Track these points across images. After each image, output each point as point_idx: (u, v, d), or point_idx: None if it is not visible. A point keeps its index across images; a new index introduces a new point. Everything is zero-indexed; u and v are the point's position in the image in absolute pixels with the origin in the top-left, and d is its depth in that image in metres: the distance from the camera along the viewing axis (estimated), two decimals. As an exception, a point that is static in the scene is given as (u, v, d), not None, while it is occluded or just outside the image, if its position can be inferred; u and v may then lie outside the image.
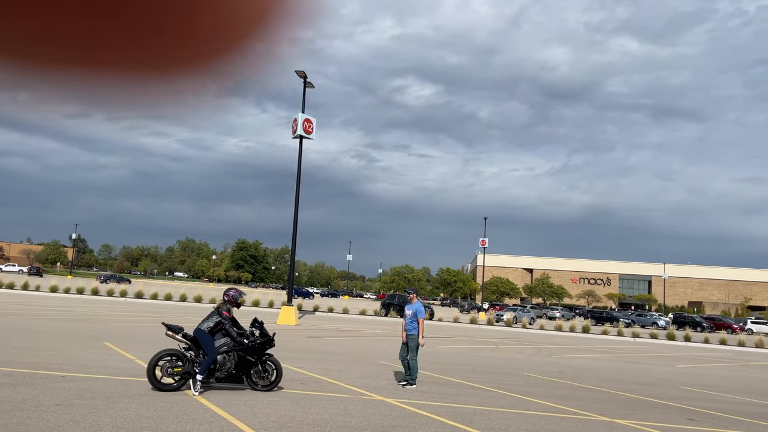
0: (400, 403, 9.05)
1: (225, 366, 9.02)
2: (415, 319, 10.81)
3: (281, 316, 25.31)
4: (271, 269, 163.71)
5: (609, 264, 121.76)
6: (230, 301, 9.43)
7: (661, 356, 23.90)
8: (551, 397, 10.96)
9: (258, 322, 9.55)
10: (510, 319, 39.12)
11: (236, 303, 9.52)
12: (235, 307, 9.50)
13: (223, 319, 9.16)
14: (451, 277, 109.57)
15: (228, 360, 9.06)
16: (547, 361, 18.36)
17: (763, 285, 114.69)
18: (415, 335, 10.74)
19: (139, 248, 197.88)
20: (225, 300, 9.41)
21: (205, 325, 9.08)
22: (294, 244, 26.27)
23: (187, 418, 7.10)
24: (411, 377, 10.65)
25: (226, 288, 10.12)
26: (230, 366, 9.05)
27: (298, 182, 26.16)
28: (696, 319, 58.08)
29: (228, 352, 9.09)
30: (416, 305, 10.99)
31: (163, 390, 8.63)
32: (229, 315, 9.26)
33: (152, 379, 8.62)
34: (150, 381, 8.62)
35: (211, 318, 9.20)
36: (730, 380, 16.73)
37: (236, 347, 9.12)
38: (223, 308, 9.26)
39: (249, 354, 9.14)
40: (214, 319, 9.16)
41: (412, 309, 10.91)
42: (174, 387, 8.70)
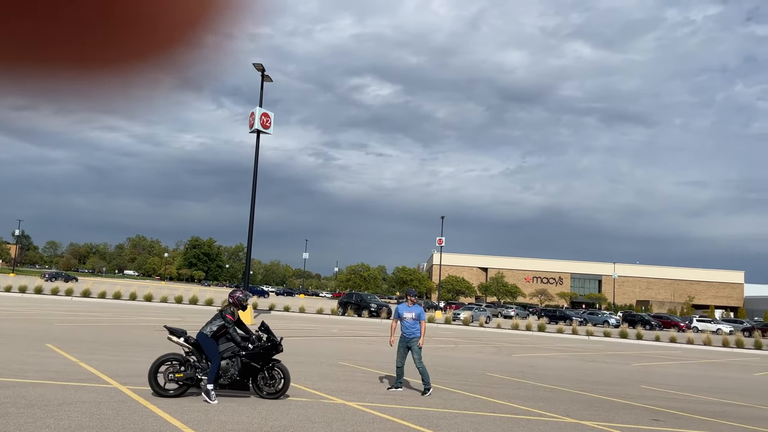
0: (363, 407, 8.65)
1: (228, 372, 8.51)
2: (418, 321, 10.47)
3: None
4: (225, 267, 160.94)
5: (561, 263, 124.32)
6: (235, 304, 8.87)
7: (616, 354, 24.21)
8: (515, 398, 10.76)
9: (265, 326, 9.00)
10: (467, 318, 39.20)
11: (242, 305, 8.95)
12: (241, 309, 8.95)
13: (227, 322, 8.62)
14: (407, 275, 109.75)
15: (232, 366, 8.55)
16: (508, 360, 18.27)
17: (706, 284, 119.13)
18: (417, 338, 10.43)
19: (87, 245, 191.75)
20: (230, 302, 8.87)
21: (208, 329, 8.55)
22: (250, 240, 25.54)
23: (133, 427, 6.53)
24: (425, 383, 10.28)
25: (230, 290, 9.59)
26: (234, 372, 8.53)
27: (255, 177, 25.45)
28: (645, 318, 59.63)
29: (232, 357, 8.57)
30: (417, 308, 10.63)
31: (164, 396, 8.18)
32: (233, 318, 8.71)
33: (153, 384, 8.22)
34: (151, 386, 8.21)
35: (215, 321, 8.66)
36: (686, 378, 16.96)
37: (240, 352, 8.59)
38: (227, 311, 8.72)
39: (254, 360, 8.60)
40: (217, 323, 8.62)
41: (414, 311, 10.54)
42: (176, 393, 8.26)
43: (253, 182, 25.44)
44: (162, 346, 14.78)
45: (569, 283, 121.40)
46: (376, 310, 38.74)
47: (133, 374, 10.07)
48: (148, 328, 19.45)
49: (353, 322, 32.90)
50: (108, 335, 16.55)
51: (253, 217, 25.33)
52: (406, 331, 10.47)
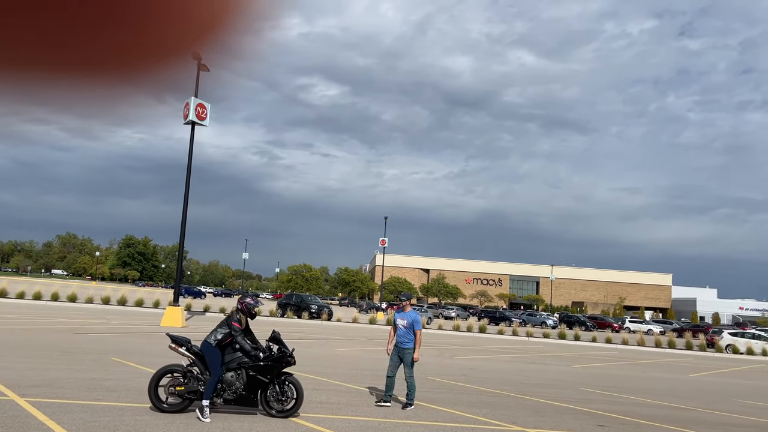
0: (301, 420, 7.89)
1: (233, 386, 7.64)
2: (411, 330, 9.43)
3: (165, 317, 23.21)
4: (161, 267, 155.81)
5: (500, 265, 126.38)
6: (243, 310, 7.98)
7: (556, 356, 24.25)
8: (458, 403, 10.23)
9: (276, 337, 8.06)
10: (408, 320, 38.73)
11: (250, 313, 8.06)
12: (249, 317, 8.05)
13: (233, 330, 7.74)
14: (349, 276, 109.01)
15: (237, 379, 7.66)
16: (449, 363, 17.84)
17: (636, 286, 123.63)
18: (411, 349, 9.41)
19: (10, 243, 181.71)
20: (237, 308, 7.99)
21: (213, 338, 7.69)
22: (182, 237, 24.23)
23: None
24: (409, 397, 9.35)
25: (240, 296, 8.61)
26: (239, 386, 7.65)
27: (189, 170, 24.17)
28: (581, 319, 60.96)
29: (237, 369, 7.67)
30: (412, 314, 9.57)
31: (165, 411, 7.41)
32: (240, 326, 7.81)
33: (153, 398, 7.48)
34: (151, 400, 7.56)
35: (220, 329, 7.77)
36: (626, 380, 16.95)
37: (245, 364, 7.68)
38: (233, 318, 7.83)
39: (261, 373, 7.70)
40: (222, 331, 7.74)
41: (408, 318, 9.50)
42: (177, 408, 7.49)
43: (187, 177, 24.15)
44: (80, 351, 13.53)
45: (508, 285, 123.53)
46: (316, 311, 37.79)
47: (37, 384, 8.97)
48: (66, 331, 17.99)
49: (293, 324, 31.92)
50: (18, 339, 15.11)
51: (185, 213, 24.05)
52: (399, 339, 9.51)
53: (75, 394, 8.45)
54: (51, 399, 7.95)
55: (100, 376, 10.10)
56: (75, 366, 11.12)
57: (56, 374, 10.03)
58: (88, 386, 9.08)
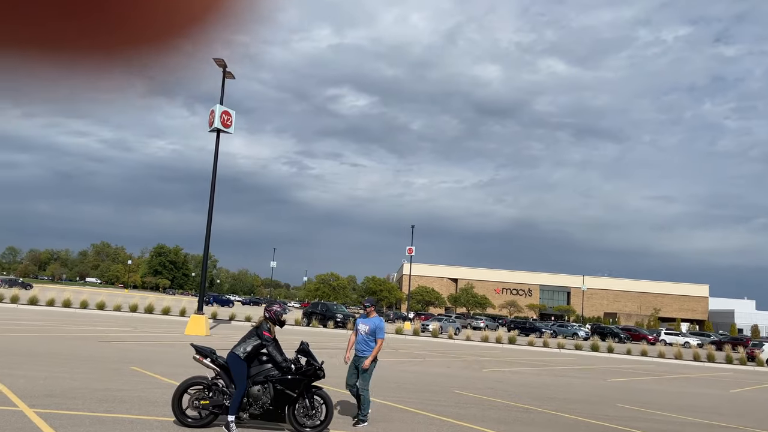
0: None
1: (260, 400, 7.24)
2: (373, 338, 8.47)
3: (190, 326, 23.05)
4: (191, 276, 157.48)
5: (531, 275, 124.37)
6: (272, 319, 7.57)
7: (589, 369, 23.37)
8: (486, 420, 9.67)
9: (304, 349, 7.65)
10: (436, 330, 38.14)
11: (279, 321, 7.64)
12: (278, 326, 7.66)
13: (265, 340, 7.34)
14: (376, 285, 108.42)
15: (264, 393, 7.27)
16: (477, 375, 17.21)
17: (671, 297, 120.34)
18: (367, 357, 8.42)
19: (47, 251, 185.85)
20: (265, 317, 7.56)
21: (241, 349, 7.29)
22: (207, 245, 24.09)
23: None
24: (361, 412, 8.36)
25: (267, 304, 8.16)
26: (266, 400, 7.24)
27: (214, 179, 24.07)
28: (614, 330, 59.40)
29: (264, 383, 7.29)
30: (377, 320, 8.58)
31: (188, 426, 7.08)
32: (271, 335, 7.42)
33: (177, 412, 7.15)
34: (174, 414, 7.23)
35: (249, 340, 7.37)
36: (665, 395, 16.10)
37: (272, 378, 7.29)
38: (263, 328, 7.43)
39: (289, 387, 7.29)
40: (252, 342, 7.34)
41: (370, 324, 8.53)
42: (202, 423, 7.16)
43: (212, 184, 24.04)
44: (101, 359, 13.33)
45: (538, 295, 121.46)
46: (342, 320, 37.43)
47: (50, 394, 8.71)
48: (90, 339, 17.89)
49: (318, 333, 31.56)
50: (42, 347, 15.01)
51: (210, 219, 23.90)
52: (357, 347, 8.55)
53: (86, 405, 8.15)
54: (61, 410, 7.66)
55: (116, 387, 9.81)
56: (93, 375, 10.88)
57: (72, 383, 9.78)
58: (101, 397, 8.78)
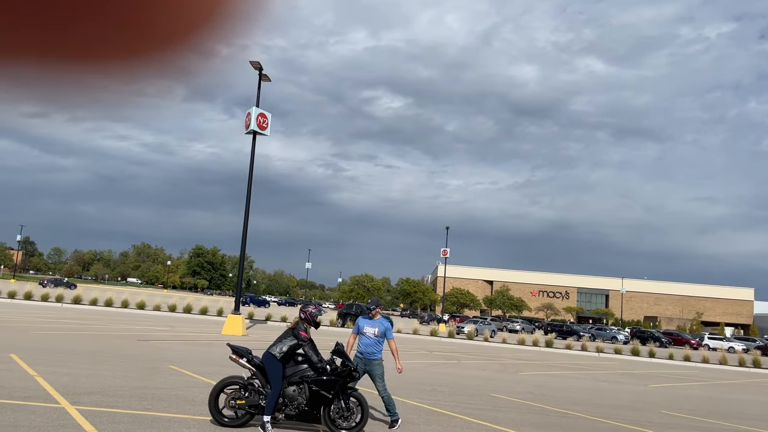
0: (348, 436, 7.38)
1: (296, 401, 7.28)
2: (382, 339, 8.28)
3: (227, 326, 23.32)
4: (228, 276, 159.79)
5: (568, 277, 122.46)
6: (308, 320, 7.63)
7: (629, 374, 22.80)
8: (524, 425, 9.47)
9: (340, 349, 7.68)
10: (471, 332, 37.79)
11: (314, 322, 7.70)
12: (313, 327, 7.71)
13: (301, 340, 7.39)
14: (411, 287, 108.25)
15: (300, 393, 7.30)
16: (514, 379, 16.93)
17: (714, 301, 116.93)
18: (380, 360, 8.27)
19: (90, 252, 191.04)
20: (301, 318, 7.63)
21: (277, 349, 7.34)
22: (243, 245, 24.35)
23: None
24: (391, 413, 8.18)
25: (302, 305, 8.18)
26: (302, 401, 7.28)
27: (250, 180, 24.32)
28: (655, 334, 57.94)
29: (300, 384, 7.33)
30: (384, 322, 8.38)
31: (224, 425, 7.14)
32: (307, 336, 7.47)
33: (213, 412, 7.21)
34: (211, 414, 7.28)
35: (285, 340, 7.41)
36: (710, 402, 15.57)
37: (308, 378, 7.33)
38: (300, 328, 7.49)
39: (324, 388, 7.31)
40: (288, 342, 7.39)
41: (380, 327, 8.28)
42: (238, 422, 7.20)
43: (248, 185, 24.30)
44: (140, 358, 13.55)
45: (576, 298, 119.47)
46: (377, 322, 37.44)
47: (91, 391, 8.87)
48: (130, 338, 18.24)
49: (353, 334, 31.59)
50: (84, 345, 15.35)
51: (247, 220, 24.16)
52: (365, 350, 8.25)
53: (126, 402, 8.26)
54: (101, 408, 7.78)
55: (154, 385, 9.94)
56: (132, 374, 11.05)
57: (112, 381, 9.95)
58: (140, 395, 8.90)
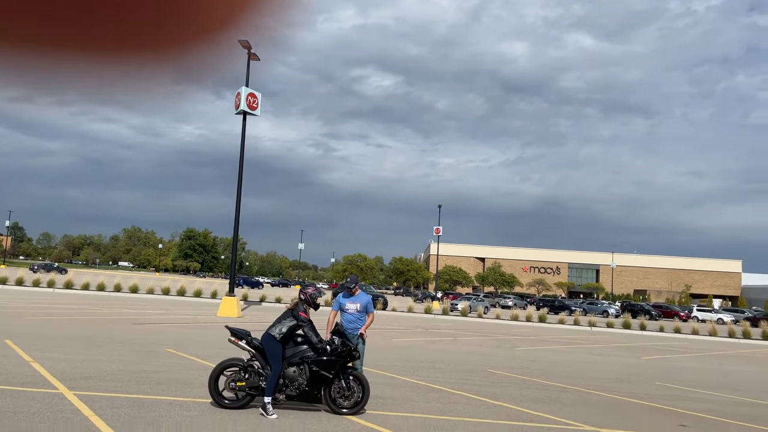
0: (347, 416, 7.39)
1: (296, 381, 7.30)
2: (364, 314, 8.53)
3: (222, 308, 23.31)
4: (220, 259, 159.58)
5: (559, 253, 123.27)
6: (307, 301, 7.63)
7: (622, 347, 23.06)
8: (523, 399, 9.53)
9: (340, 329, 7.74)
10: (465, 309, 38.05)
11: (314, 303, 7.70)
12: (313, 308, 7.70)
13: (301, 321, 7.39)
14: (404, 266, 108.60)
15: (300, 374, 7.32)
16: (511, 354, 17.06)
17: (703, 273, 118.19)
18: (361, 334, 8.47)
19: (80, 237, 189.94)
20: (301, 299, 7.62)
21: (277, 330, 7.32)
22: (236, 227, 24.23)
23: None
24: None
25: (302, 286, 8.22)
26: (303, 382, 7.30)
27: (241, 161, 24.11)
28: (645, 307, 58.60)
29: (300, 364, 7.34)
30: (365, 296, 8.67)
31: (225, 407, 7.12)
32: (307, 317, 7.46)
33: (214, 394, 7.19)
34: (211, 395, 7.25)
35: (284, 321, 7.40)
36: (703, 373, 15.78)
37: (308, 359, 7.34)
38: (299, 309, 7.48)
39: (325, 368, 7.33)
40: (288, 323, 7.37)
41: (361, 302, 8.54)
42: (239, 404, 7.20)
43: (240, 167, 24.10)
44: (135, 342, 13.50)
45: (567, 273, 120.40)
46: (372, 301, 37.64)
47: (88, 376, 8.81)
48: (125, 322, 18.17)
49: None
50: (79, 330, 15.27)
51: (239, 202, 24.02)
52: (348, 326, 8.37)
53: (124, 387, 8.22)
54: (99, 392, 7.73)
55: (152, 369, 9.90)
56: (129, 358, 11.00)
57: (109, 366, 9.90)
58: (138, 379, 8.86)
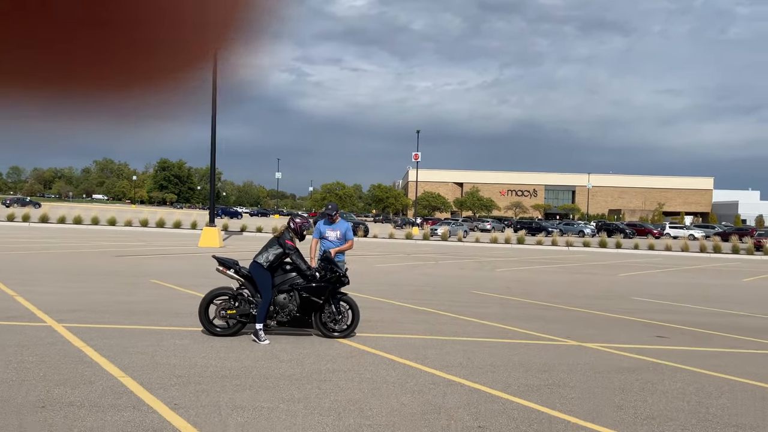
0: (338, 339, 7.52)
1: (287, 308, 7.39)
2: (344, 241, 8.66)
3: (203, 238, 23.25)
4: (197, 189, 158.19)
5: (536, 175, 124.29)
6: (296, 231, 7.60)
7: (600, 265, 23.69)
8: (507, 318, 9.79)
9: (328, 256, 7.78)
10: (445, 233, 38.51)
11: (301, 234, 7.66)
12: (299, 239, 7.66)
13: (288, 249, 7.39)
14: (382, 193, 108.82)
15: (290, 301, 7.41)
16: (492, 276, 17.43)
17: (676, 192, 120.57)
18: (342, 261, 8.53)
19: (50, 170, 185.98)
20: (290, 227, 7.59)
21: (263, 258, 7.33)
22: (213, 157, 23.85)
23: (58, 378, 5.25)
24: None
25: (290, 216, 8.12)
26: (293, 308, 7.39)
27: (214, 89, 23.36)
28: (620, 226, 59.92)
29: (290, 291, 7.41)
30: (344, 224, 8.85)
31: (216, 335, 7.22)
32: (293, 245, 7.45)
33: (205, 322, 7.35)
34: (202, 323, 7.35)
35: (270, 249, 7.39)
36: (677, 287, 16.33)
37: (297, 286, 7.40)
38: (285, 237, 7.47)
39: (315, 294, 7.41)
40: (274, 251, 7.37)
41: (341, 228, 8.68)
42: (230, 332, 7.28)
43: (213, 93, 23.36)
44: (119, 274, 13.47)
45: (543, 195, 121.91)
46: (352, 228, 37.90)
47: (75, 309, 8.79)
48: (105, 255, 18.07)
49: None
50: (59, 263, 15.16)
51: (214, 129, 23.52)
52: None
53: (113, 318, 8.23)
54: (88, 324, 7.73)
55: (138, 299, 9.92)
56: (114, 290, 10.99)
57: (95, 298, 9.88)
58: (126, 310, 8.87)
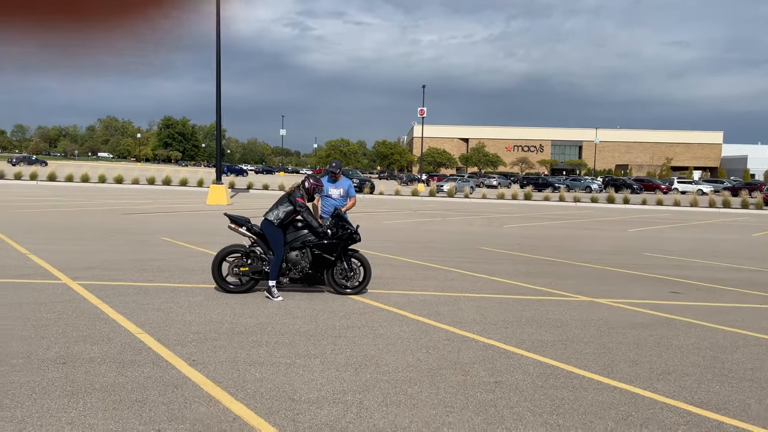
0: (351, 296, 7.54)
1: (299, 265, 7.43)
2: (346, 199, 8.56)
3: (210, 196, 23.24)
4: (201, 147, 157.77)
5: (542, 131, 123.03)
6: (308, 191, 7.59)
7: (608, 221, 23.61)
8: (518, 274, 9.79)
9: (339, 213, 7.76)
10: (452, 190, 38.38)
11: (311, 196, 7.68)
12: (309, 200, 7.68)
13: (299, 206, 7.36)
14: (387, 149, 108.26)
15: (302, 258, 7.42)
16: (500, 232, 17.40)
17: (684, 146, 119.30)
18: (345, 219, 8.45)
19: (55, 128, 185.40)
20: (304, 186, 7.56)
21: (274, 215, 7.31)
22: (218, 113, 23.59)
23: (76, 335, 5.28)
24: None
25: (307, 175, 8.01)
26: (305, 265, 7.42)
27: (218, 45, 22.98)
28: (627, 182, 59.63)
29: (302, 248, 7.42)
30: (346, 182, 8.69)
31: (230, 292, 7.32)
32: (304, 202, 7.44)
33: (218, 279, 7.41)
34: (215, 280, 7.43)
35: (281, 206, 7.37)
36: (687, 243, 16.28)
37: (309, 243, 7.41)
38: (296, 194, 7.41)
39: (326, 251, 7.42)
40: (284, 209, 7.35)
41: (344, 186, 8.56)
42: (243, 288, 7.43)
43: (217, 48, 22.99)
44: (128, 231, 13.50)
45: (550, 151, 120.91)
46: (358, 185, 37.74)
47: (89, 266, 8.83)
48: (114, 213, 18.10)
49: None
50: (70, 221, 15.20)
51: (219, 87, 23.19)
52: (332, 211, 8.17)
53: (126, 275, 8.26)
54: (103, 281, 7.77)
55: (150, 257, 9.94)
56: (125, 247, 11.02)
57: (107, 256, 9.91)
58: (139, 267, 8.90)
